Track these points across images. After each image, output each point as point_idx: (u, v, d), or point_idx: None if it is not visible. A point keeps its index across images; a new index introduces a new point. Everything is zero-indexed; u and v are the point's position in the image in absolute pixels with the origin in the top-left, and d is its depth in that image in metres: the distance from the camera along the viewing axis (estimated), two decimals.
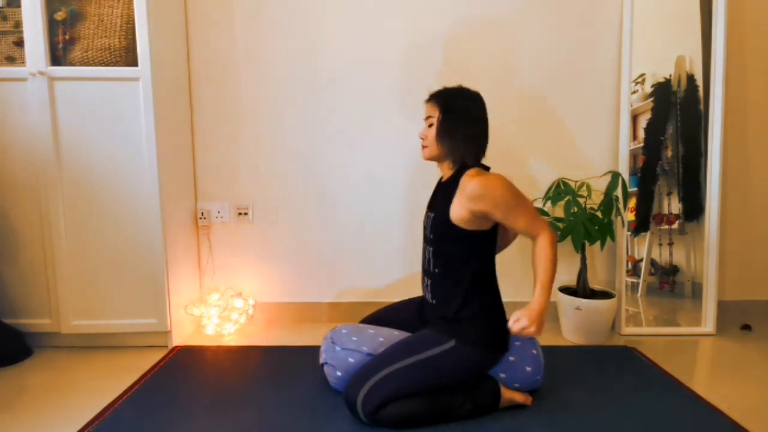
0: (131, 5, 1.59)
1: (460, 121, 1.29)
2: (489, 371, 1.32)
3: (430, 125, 1.33)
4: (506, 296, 1.38)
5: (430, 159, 1.37)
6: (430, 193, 1.40)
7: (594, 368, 1.57)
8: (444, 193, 1.32)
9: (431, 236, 1.34)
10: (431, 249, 1.34)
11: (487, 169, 1.32)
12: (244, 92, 1.95)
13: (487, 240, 1.31)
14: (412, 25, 1.91)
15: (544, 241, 1.25)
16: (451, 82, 1.37)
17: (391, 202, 2.00)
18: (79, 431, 1.22)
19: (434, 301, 1.36)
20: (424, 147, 1.36)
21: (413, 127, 1.94)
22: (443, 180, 1.38)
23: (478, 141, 1.31)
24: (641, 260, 1.95)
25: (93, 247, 1.67)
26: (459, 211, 1.25)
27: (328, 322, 2.03)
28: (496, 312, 1.34)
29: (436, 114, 1.31)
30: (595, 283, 1.98)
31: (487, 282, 1.34)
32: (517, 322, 1.22)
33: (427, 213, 1.41)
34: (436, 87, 1.36)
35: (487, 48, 1.92)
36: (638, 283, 1.95)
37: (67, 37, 1.62)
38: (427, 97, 1.37)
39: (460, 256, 1.29)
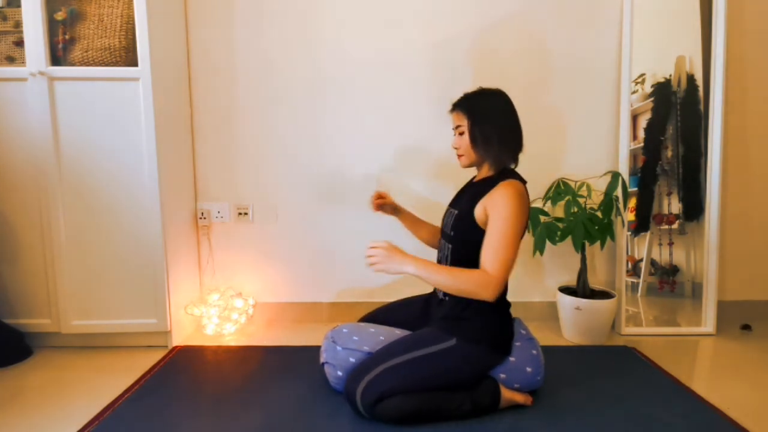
0: (131, 5, 1.59)
1: (491, 122, 1.29)
2: (489, 372, 1.31)
3: (461, 134, 1.33)
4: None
5: (469, 166, 1.37)
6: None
7: (594, 368, 1.57)
8: (473, 192, 1.31)
9: (452, 233, 1.34)
10: (450, 246, 1.35)
11: (524, 182, 1.31)
12: (243, 92, 1.95)
13: None
14: (412, 24, 1.90)
15: (480, 276, 1.20)
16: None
17: None
18: (79, 431, 1.22)
19: (446, 298, 1.36)
20: (460, 156, 1.36)
21: (414, 127, 1.94)
22: (476, 180, 1.38)
23: (512, 135, 1.31)
24: (641, 260, 1.95)
25: (93, 247, 1.67)
26: (480, 210, 1.26)
27: (328, 322, 2.03)
28: (501, 314, 1.34)
29: (464, 122, 1.31)
30: (595, 283, 1.98)
31: None
32: (374, 248, 1.25)
33: (449, 209, 1.41)
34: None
35: (485, 48, 1.91)
36: (638, 283, 1.95)
37: (67, 37, 1.62)
38: (450, 107, 1.37)
39: (478, 256, 1.29)
